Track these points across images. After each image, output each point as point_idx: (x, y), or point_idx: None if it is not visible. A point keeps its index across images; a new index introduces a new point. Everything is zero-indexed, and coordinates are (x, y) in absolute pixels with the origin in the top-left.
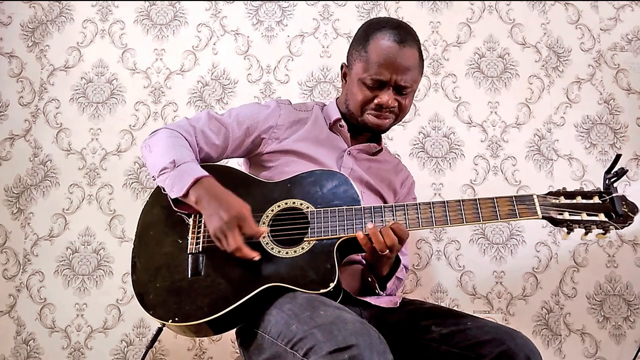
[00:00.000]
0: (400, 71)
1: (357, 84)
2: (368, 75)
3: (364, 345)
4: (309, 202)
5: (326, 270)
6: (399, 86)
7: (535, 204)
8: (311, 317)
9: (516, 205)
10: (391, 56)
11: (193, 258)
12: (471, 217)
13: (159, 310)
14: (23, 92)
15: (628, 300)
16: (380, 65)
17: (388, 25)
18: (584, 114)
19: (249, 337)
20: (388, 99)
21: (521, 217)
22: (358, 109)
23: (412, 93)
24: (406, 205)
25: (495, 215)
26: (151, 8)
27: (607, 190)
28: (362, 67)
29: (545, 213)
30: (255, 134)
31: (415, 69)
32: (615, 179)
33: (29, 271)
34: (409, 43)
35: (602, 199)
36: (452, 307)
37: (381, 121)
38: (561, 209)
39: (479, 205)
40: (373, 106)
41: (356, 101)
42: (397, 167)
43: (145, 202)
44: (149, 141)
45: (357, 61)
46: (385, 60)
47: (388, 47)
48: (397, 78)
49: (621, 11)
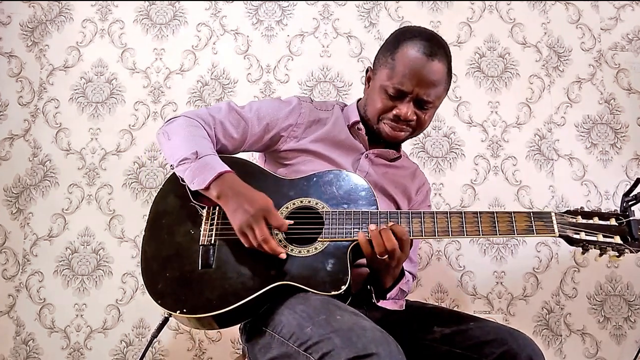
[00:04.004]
0: (424, 85)
1: (378, 91)
2: (391, 83)
3: (384, 354)
4: (324, 202)
5: (338, 273)
6: (421, 100)
7: (553, 222)
8: (327, 321)
9: (534, 221)
10: (417, 68)
11: (204, 250)
12: (488, 230)
13: (167, 299)
14: (22, 91)
15: (629, 301)
16: (405, 75)
17: (420, 36)
18: (585, 113)
19: (256, 334)
20: (407, 111)
21: (538, 234)
22: (375, 116)
23: (433, 109)
24: (423, 213)
25: (512, 230)
26: (151, 7)
27: (625, 213)
28: (387, 74)
29: (562, 232)
30: (274, 131)
31: (441, 85)
32: (634, 203)
33: (29, 271)
34: (438, 57)
35: (619, 222)
36: (452, 307)
37: (396, 133)
38: (578, 228)
39: (496, 218)
40: (391, 116)
41: (374, 108)
42: (414, 173)
43: (159, 189)
44: (167, 128)
45: (382, 67)
46: (410, 71)
47: (416, 58)
48: (420, 91)
49: (622, 11)
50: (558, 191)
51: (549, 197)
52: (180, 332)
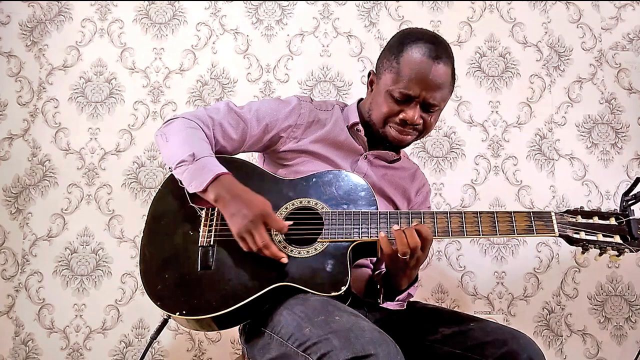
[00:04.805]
0: (430, 88)
1: (383, 95)
2: (397, 88)
3: (383, 355)
4: (324, 202)
5: (338, 273)
6: (427, 103)
7: (553, 222)
8: (326, 322)
9: (534, 221)
10: (423, 72)
11: (203, 251)
12: (488, 230)
13: (166, 302)
14: (22, 91)
15: (629, 301)
16: (411, 79)
17: (424, 39)
18: (586, 113)
19: (255, 335)
20: (414, 115)
21: (538, 233)
22: (381, 121)
23: (439, 111)
24: (423, 213)
25: (512, 230)
26: (150, 7)
27: (624, 213)
28: (392, 78)
29: (562, 231)
30: (274, 131)
31: (446, 88)
32: (634, 202)
33: (28, 271)
34: (443, 60)
35: (619, 221)
36: (452, 307)
37: (403, 137)
38: (578, 228)
39: (496, 218)
40: (397, 120)
41: (380, 112)
42: (414, 174)
43: (158, 190)
44: (165, 129)
45: (387, 71)
46: (416, 75)
47: (421, 62)
48: (427, 95)
49: (622, 10)
50: (559, 191)
51: (550, 197)
52: (179, 332)
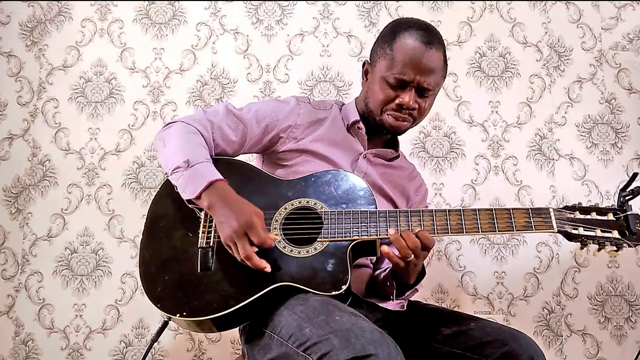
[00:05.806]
0: (424, 72)
1: (379, 82)
2: (391, 73)
3: (383, 355)
4: (323, 202)
5: (338, 273)
6: (422, 88)
7: (551, 218)
8: (326, 322)
9: (532, 217)
10: (417, 56)
11: (203, 252)
12: (487, 227)
13: (166, 303)
14: (21, 91)
15: (629, 301)
16: (405, 64)
17: (416, 26)
18: (586, 113)
19: (256, 335)
20: (409, 99)
21: (537, 229)
22: (378, 108)
23: (432, 97)
24: (422, 211)
25: (511, 226)
26: (150, 7)
27: (622, 208)
28: (386, 65)
29: (561, 227)
30: (273, 132)
31: (439, 72)
32: (631, 197)
33: (28, 271)
34: (435, 45)
35: (617, 216)
36: (452, 307)
37: (399, 123)
38: (576, 224)
39: (495, 215)
40: (393, 106)
41: (377, 100)
42: (411, 174)
43: (156, 193)
44: (163, 134)
45: (381, 59)
46: (410, 60)
47: (414, 47)
48: (421, 79)
49: (622, 10)
50: (559, 191)
51: (550, 197)
52: (179, 332)
